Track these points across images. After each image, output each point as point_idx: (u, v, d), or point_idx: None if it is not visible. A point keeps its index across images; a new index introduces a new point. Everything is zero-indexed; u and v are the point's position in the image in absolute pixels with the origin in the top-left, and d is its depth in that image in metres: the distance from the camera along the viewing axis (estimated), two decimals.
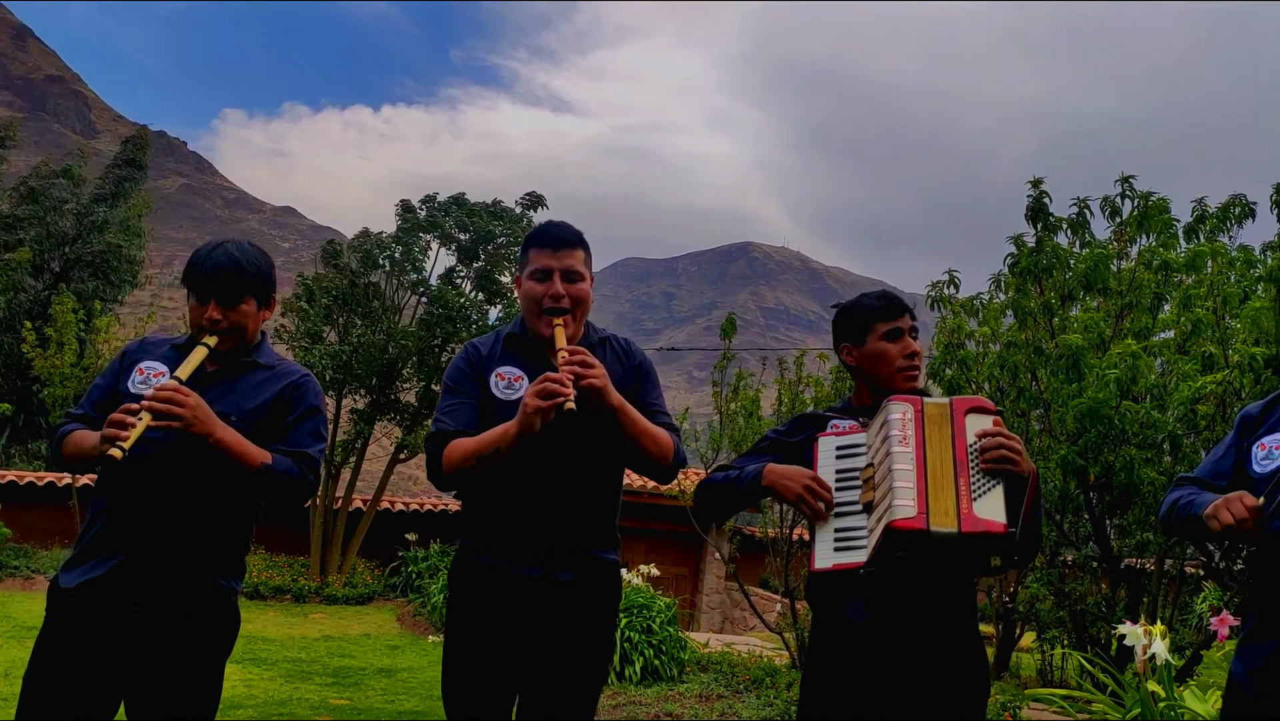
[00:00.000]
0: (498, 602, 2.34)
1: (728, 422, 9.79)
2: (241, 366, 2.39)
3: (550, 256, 2.42)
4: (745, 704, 7.88)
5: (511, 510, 2.36)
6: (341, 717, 6.95)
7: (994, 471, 2.00)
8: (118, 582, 2.19)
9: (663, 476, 2.42)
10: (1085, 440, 5.29)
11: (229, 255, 2.31)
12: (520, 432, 2.21)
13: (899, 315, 2.32)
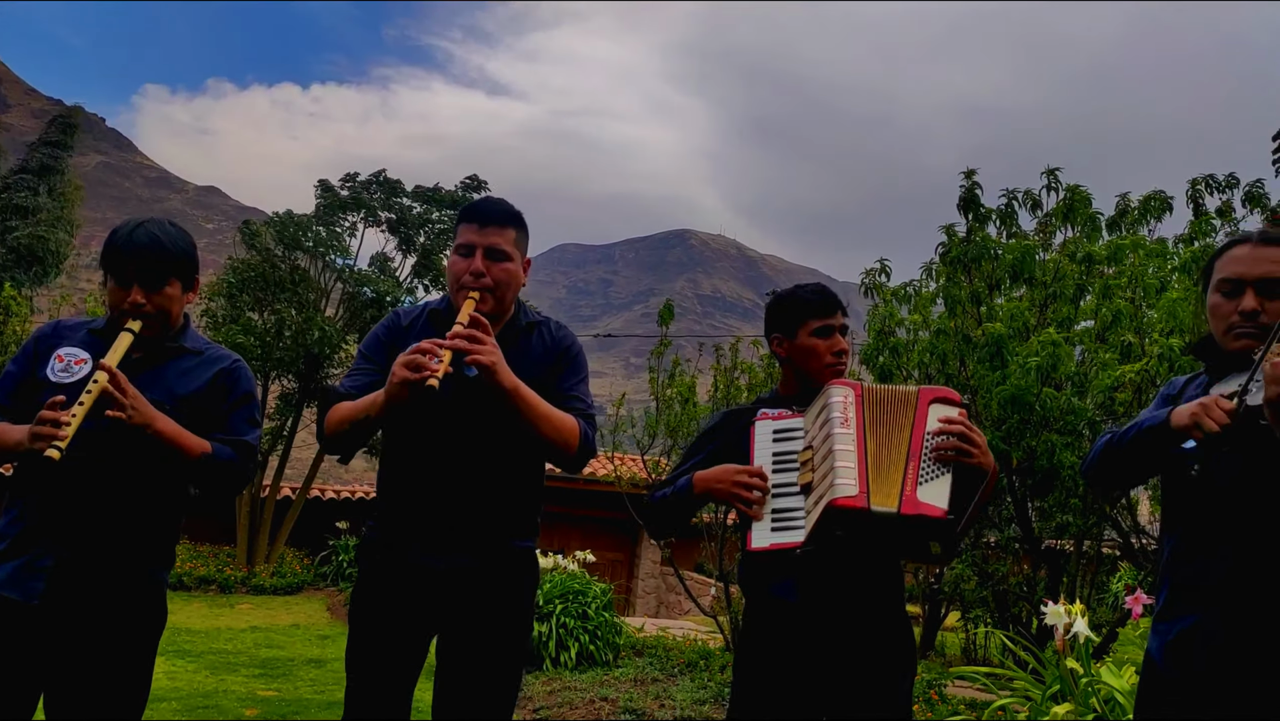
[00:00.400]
0: (400, 592, 2.26)
1: (664, 409, 9.82)
2: (168, 352, 2.30)
3: (476, 232, 2.34)
4: (680, 687, 7.94)
5: (414, 494, 2.29)
6: (269, 710, 6.81)
7: (945, 460, 2.04)
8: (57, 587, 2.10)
9: (567, 464, 2.34)
10: (1008, 426, 5.45)
11: (151, 235, 2.21)
12: (388, 402, 2.12)
13: (831, 313, 2.34)
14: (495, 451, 2.28)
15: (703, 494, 2.23)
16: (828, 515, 1.97)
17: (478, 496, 2.27)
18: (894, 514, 1.96)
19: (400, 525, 2.30)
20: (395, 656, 2.27)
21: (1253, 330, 1.87)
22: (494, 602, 2.28)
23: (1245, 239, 1.99)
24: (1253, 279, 1.89)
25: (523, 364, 2.27)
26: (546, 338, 2.45)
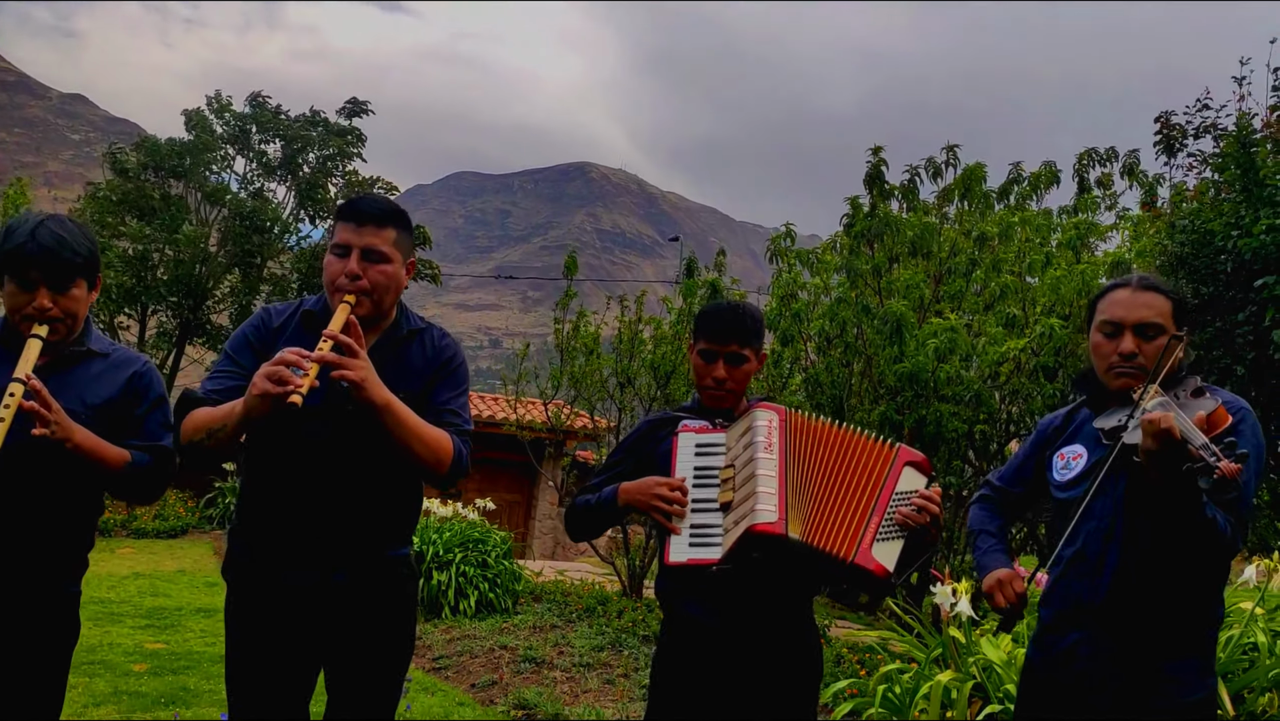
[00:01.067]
0: (271, 612, 2.18)
1: (569, 360, 9.86)
2: (75, 357, 2.18)
3: (352, 232, 2.18)
4: (578, 632, 8.13)
5: (278, 508, 2.18)
6: (159, 664, 6.64)
7: (905, 526, 2.10)
8: None
9: (437, 482, 2.25)
10: (903, 398, 5.71)
11: (55, 235, 2.06)
12: (245, 414, 1.99)
13: (720, 341, 2.30)
14: (365, 462, 2.17)
15: (625, 505, 2.24)
16: (746, 538, 2.02)
17: (347, 508, 2.17)
18: (831, 551, 2.03)
19: (265, 541, 2.19)
20: (275, 678, 2.20)
21: (1131, 370, 2.02)
22: (374, 615, 2.22)
23: (1125, 284, 2.12)
24: (1131, 323, 2.03)
25: (400, 374, 2.17)
26: (428, 347, 2.32)
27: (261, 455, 2.21)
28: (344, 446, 2.15)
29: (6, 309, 2.14)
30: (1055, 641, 2.04)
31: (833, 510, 2.08)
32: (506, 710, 6.02)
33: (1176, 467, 1.67)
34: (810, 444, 2.16)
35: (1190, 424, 1.68)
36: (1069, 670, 1.98)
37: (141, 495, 2.24)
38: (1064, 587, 2.05)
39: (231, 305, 13.92)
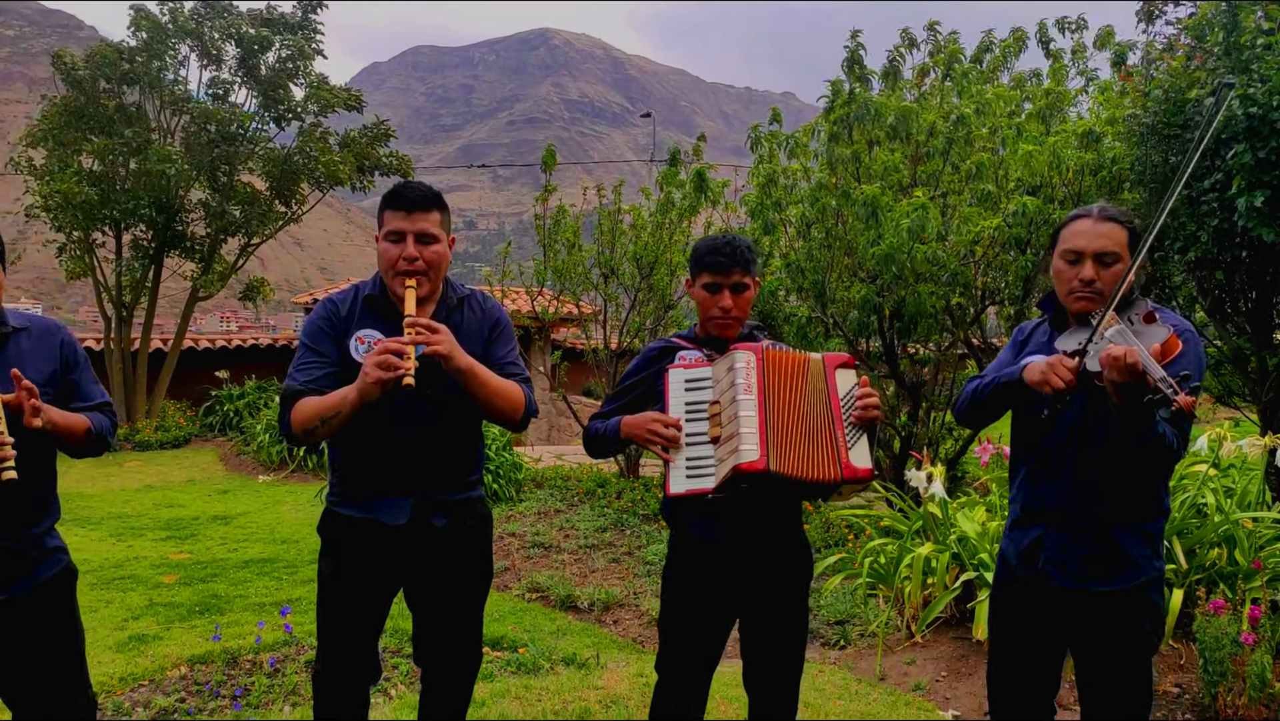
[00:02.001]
0: (367, 554, 2.45)
1: (551, 256, 9.94)
2: (4, 339, 2.27)
3: (404, 219, 2.43)
4: (581, 516, 8.55)
5: (376, 462, 2.44)
6: (187, 574, 6.94)
7: (860, 423, 2.32)
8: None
9: (514, 428, 2.56)
10: (882, 281, 5.90)
11: None
12: (361, 399, 2.25)
13: (723, 272, 2.47)
14: (448, 417, 2.45)
15: (627, 437, 2.48)
16: (733, 474, 2.26)
17: (437, 459, 2.45)
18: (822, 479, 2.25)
19: (365, 492, 2.46)
20: (365, 614, 2.49)
21: (1089, 295, 2.21)
22: (463, 552, 2.53)
23: (1086, 214, 2.29)
24: (1091, 252, 2.22)
25: (461, 340, 2.40)
26: (476, 310, 2.60)
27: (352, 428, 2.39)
28: (423, 409, 2.42)
29: None
30: (1023, 535, 2.32)
31: (808, 439, 2.30)
32: (521, 594, 6.43)
33: (1138, 397, 1.90)
34: (782, 378, 2.36)
35: (1149, 356, 1.89)
36: (1035, 560, 2.26)
37: (98, 452, 2.39)
38: (1029, 488, 2.31)
39: (205, 215, 13.76)
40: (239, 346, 16.00)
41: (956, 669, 3.96)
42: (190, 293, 14.54)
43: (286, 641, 4.69)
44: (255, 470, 11.87)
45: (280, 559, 7.27)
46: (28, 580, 2.21)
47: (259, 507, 9.67)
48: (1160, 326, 2.05)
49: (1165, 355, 1.92)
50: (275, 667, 4.34)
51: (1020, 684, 2.35)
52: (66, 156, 13.00)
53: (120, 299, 13.87)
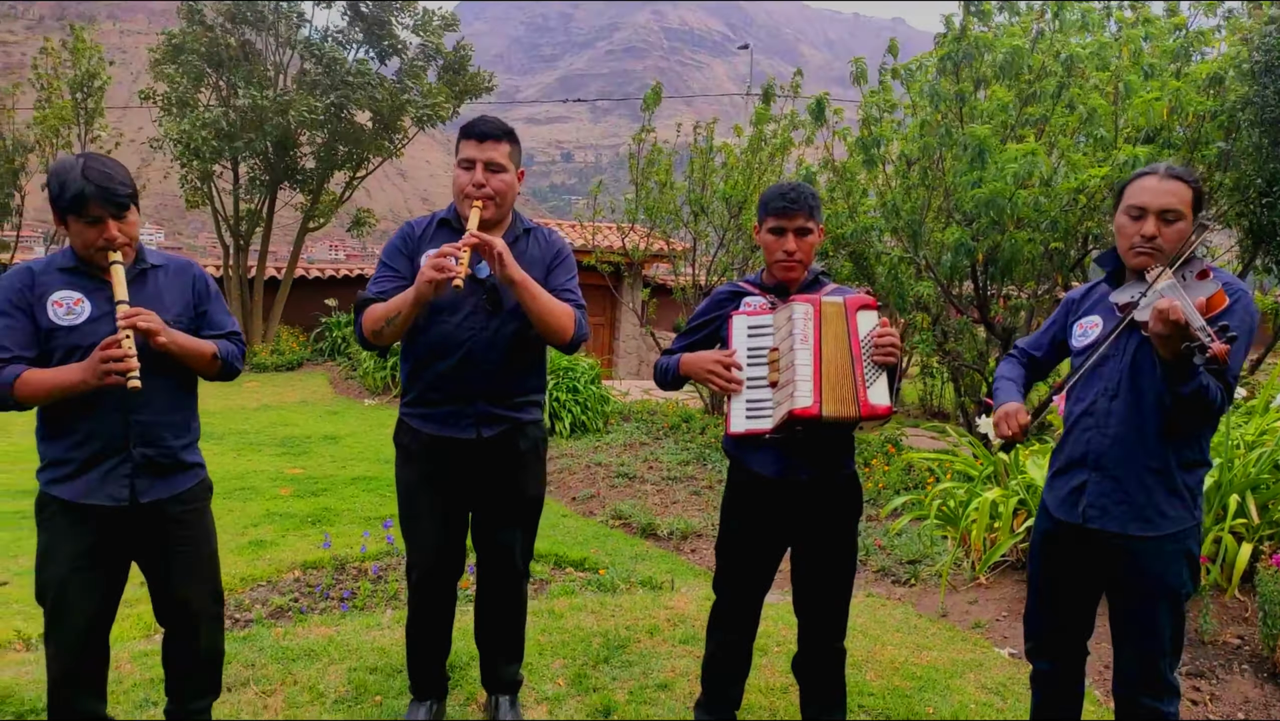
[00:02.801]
0: (432, 460, 2.69)
1: (643, 193, 10.06)
2: (143, 274, 2.51)
3: (475, 148, 2.64)
4: (665, 449, 8.82)
5: (437, 372, 2.65)
6: (301, 487, 7.50)
7: (880, 363, 2.46)
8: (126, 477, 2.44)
9: (564, 348, 2.70)
10: (978, 225, 5.84)
11: (102, 172, 2.35)
12: (417, 299, 2.47)
13: (788, 216, 2.58)
14: (510, 335, 2.66)
15: (686, 375, 2.67)
16: (789, 418, 2.42)
17: (497, 375, 2.66)
18: (855, 417, 2.42)
19: (431, 405, 2.69)
20: (435, 513, 2.73)
21: (1149, 250, 2.27)
22: (520, 464, 2.76)
23: (1152, 171, 2.33)
24: (1155, 209, 2.27)
25: (525, 266, 2.61)
26: (541, 241, 2.80)
27: (419, 341, 2.67)
28: (483, 324, 2.64)
29: (78, 246, 2.41)
30: (1065, 483, 2.43)
31: (842, 381, 2.45)
32: (605, 520, 6.77)
33: (1178, 345, 1.99)
34: (833, 327, 2.50)
35: (1192, 307, 1.97)
36: (1076, 507, 2.38)
37: (228, 376, 2.66)
38: (1075, 437, 2.42)
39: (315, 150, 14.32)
40: (346, 276, 16.73)
41: (1017, 610, 4.08)
42: (301, 223, 15.25)
43: (388, 552, 5.11)
44: (361, 394, 12.56)
45: (383, 477, 7.78)
46: (167, 487, 2.52)
47: (365, 429, 10.27)
48: (1211, 282, 2.12)
49: (1211, 309, 1.99)
50: (378, 575, 4.75)
51: (1054, 623, 2.49)
52: (190, 92, 13.69)
53: (237, 228, 14.67)
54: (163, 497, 2.50)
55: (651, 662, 3.41)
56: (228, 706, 2.93)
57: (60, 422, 2.41)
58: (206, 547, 2.63)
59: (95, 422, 2.40)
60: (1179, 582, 2.27)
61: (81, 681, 2.49)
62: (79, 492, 2.40)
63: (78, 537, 2.42)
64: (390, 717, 2.91)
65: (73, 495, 2.40)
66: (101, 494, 2.41)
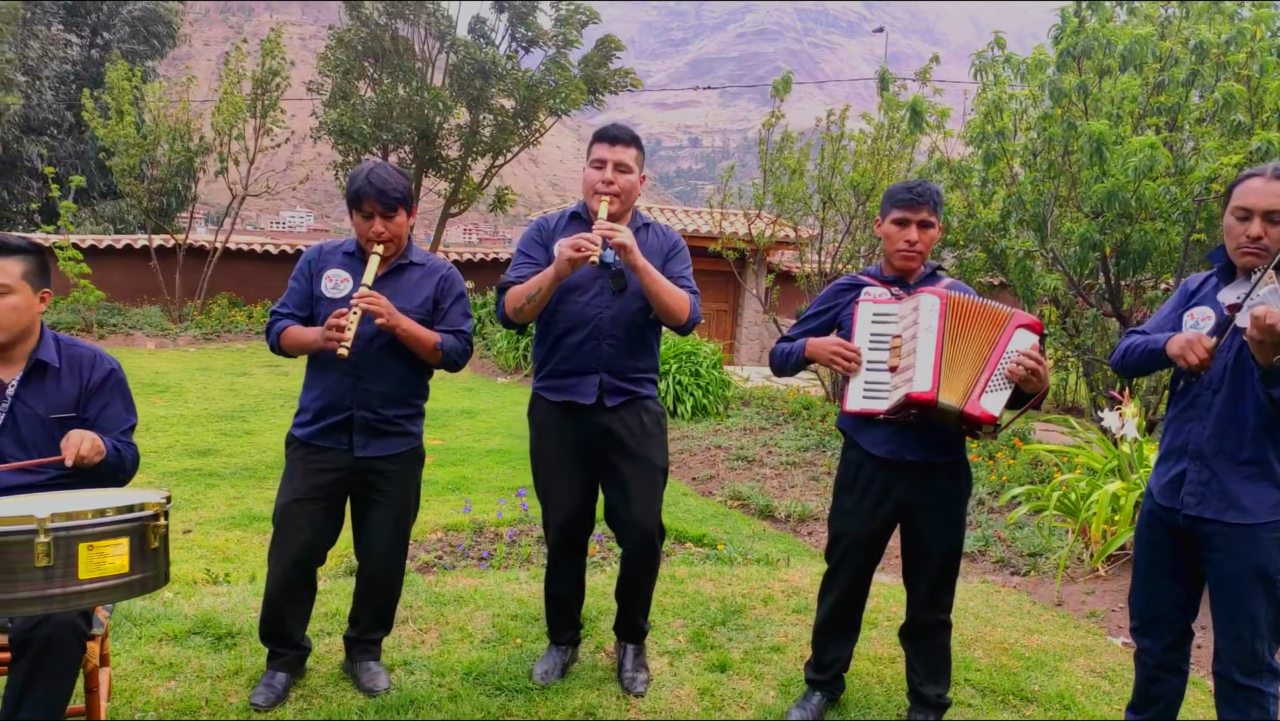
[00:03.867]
0: (566, 429, 3.00)
1: (771, 180, 10.17)
2: (402, 268, 2.98)
3: (607, 150, 2.98)
4: (785, 434, 8.96)
5: (567, 345, 2.97)
6: (441, 456, 8.05)
7: (1011, 379, 2.56)
8: (346, 432, 2.89)
9: (680, 329, 2.99)
10: (1104, 219, 5.75)
11: (382, 179, 2.84)
12: (556, 276, 2.81)
13: (912, 208, 2.76)
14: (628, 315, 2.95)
15: (810, 357, 2.86)
16: (905, 400, 2.58)
17: (617, 351, 2.95)
18: (956, 409, 2.55)
19: (559, 376, 3.00)
20: (568, 479, 3.04)
21: (1255, 250, 2.34)
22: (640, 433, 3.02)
23: (1259, 173, 2.38)
24: (1261, 210, 2.33)
25: (643, 254, 2.88)
26: (659, 234, 3.10)
27: (552, 318, 3.01)
28: (607, 302, 2.95)
29: (357, 235, 2.92)
30: (1167, 470, 2.52)
31: (961, 373, 2.59)
32: (723, 500, 7.00)
33: (1272, 354, 2.07)
34: (963, 322, 2.63)
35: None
36: (1176, 494, 2.47)
37: (451, 365, 3.03)
38: (1176, 427, 2.50)
39: (460, 139, 15.05)
40: (482, 259, 17.49)
41: None
42: (443, 208, 16.06)
43: (522, 519, 5.51)
44: (495, 372, 13.20)
45: (516, 450, 8.24)
46: (380, 447, 2.93)
47: (499, 405, 10.83)
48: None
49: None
50: (513, 539, 5.14)
51: (1156, 603, 2.58)
52: (348, 85, 14.64)
53: None
54: (377, 455, 2.93)
55: (765, 627, 3.65)
56: (390, 639, 3.34)
57: (311, 377, 2.95)
58: (404, 505, 3.05)
59: (331, 383, 2.89)
60: (1276, 569, 2.34)
61: (290, 603, 2.93)
62: (310, 435, 2.91)
63: (307, 473, 2.91)
64: (529, 657, 3.25)
65: (307, 436, 2.91)
66: (327, 439, 2.89)
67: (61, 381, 2.46)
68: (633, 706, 2.98)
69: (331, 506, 2.96)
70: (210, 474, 6.70)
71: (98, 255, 15.00)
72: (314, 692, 2.95)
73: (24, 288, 2.40)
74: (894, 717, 3.01)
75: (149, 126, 14.36)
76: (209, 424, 8.69)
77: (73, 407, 2.44)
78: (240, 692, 2.92)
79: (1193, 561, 2.50)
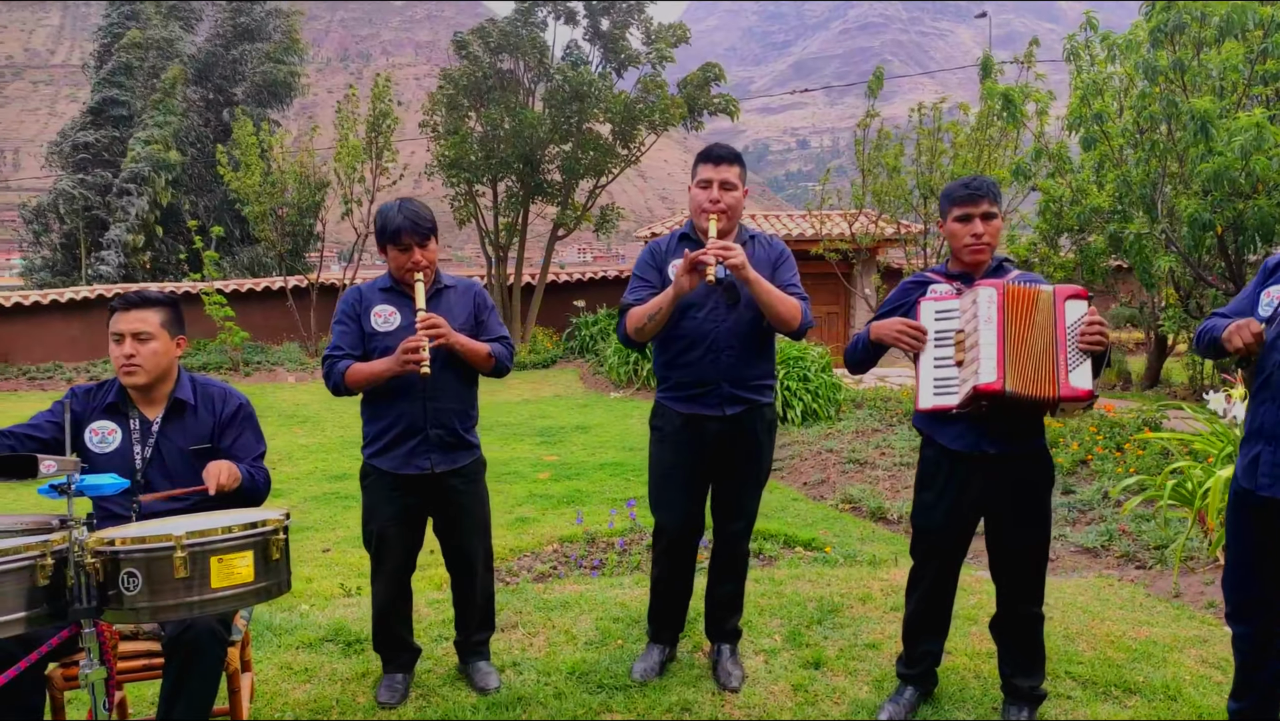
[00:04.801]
0: (687, 438, 3.16)
1: (869, 177, 10.11)
2: (438, 291, 3.18)
3: (712, 170, 3.13)
4: (898, 435, 8.83)
5: (687, 357, 3.13)
6: (557, 471, 8.34)
7: (1084, 349, 2.59)
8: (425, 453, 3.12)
9: (793, 335, 3.13)
10: (1213, 197, 5.50)
11: (413, 212, 3.07)
12: (675, 295, 2.98)
13: (973, 202, 2.82)
14: (745, 328, 3.10)
15: (877, 340, 2.93)
16: (973, 393, 2.63)
17: (735, 362, 3.11)
18: (1039, 396, 2.57)
19: (681, 387, 3.17)
20: (686, 484, 3.23)
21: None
22: (751, 441, 3.18)
23: None
24: None
25: (752, 265, 3.02)
26: (765, 245, 3.26)
27: (673, 335, 3.15)
28: (723, 315, 3.10)
29: (393, 269, 3.13)
30: (1247, 452, 2.46)
31: (1035, 362, 2.62)
32: (835, 504, 6.99)
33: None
34: (1020, 310, 2.66)
35: None
36: (1255, 474, 2.42)
37: (499, 373, 3.28)
38: (1253, 409, 2.45)
39: (562, 164, 15.55)
40: (592, 278, 17.92)
41: None
42: (551, 230, 16.57)
43: (632, 529, 5.68)
44: (607, 387, 13.50)
45: (628, 463, 8.44)
46: (451, 461, 3.17)
47: (611, 420, 11.09)
48: None
49: None
50: (623, 548, 5.33)
51: (1249, 587, 2.52)
52: (457, 122, 15.36)
53: (497, 241, 16.22)
54: (449, 469, 3.16)
55: (862, 626, 3.70)
56: (501, 641, 3.58)
57: (378, 408, 3.15)
58: (481, 510, 3.29)
59: (403, 408, 3.10)
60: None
61: (395, 611, 3.21)
62: (395, 465, 3.12)
63: (392, 500, 3.14)
64: (629, 657, 3.41)
65: (390, 466, 3.12)
66: (411, 466, 3.11)
67: (198, 416, 2.80)
68: (727, 702, 3.10)
69: (416, 524, 3.22)
70: (346, 496, 7.17)
71: (240, 298, 16.19)
72: (432, 691, 3.20)
73: (163, 334, 2.75)
74: (989, 712, 3.02)
75: (276, 174, 15.46)
76: (345, 450, 9.27)
77: (208, 439, 2.77)
78: (367, 693, 3.20)
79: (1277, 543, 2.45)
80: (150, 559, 2.00)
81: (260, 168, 15.33)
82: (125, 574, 2.00)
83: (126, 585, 2.01)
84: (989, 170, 8.95)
